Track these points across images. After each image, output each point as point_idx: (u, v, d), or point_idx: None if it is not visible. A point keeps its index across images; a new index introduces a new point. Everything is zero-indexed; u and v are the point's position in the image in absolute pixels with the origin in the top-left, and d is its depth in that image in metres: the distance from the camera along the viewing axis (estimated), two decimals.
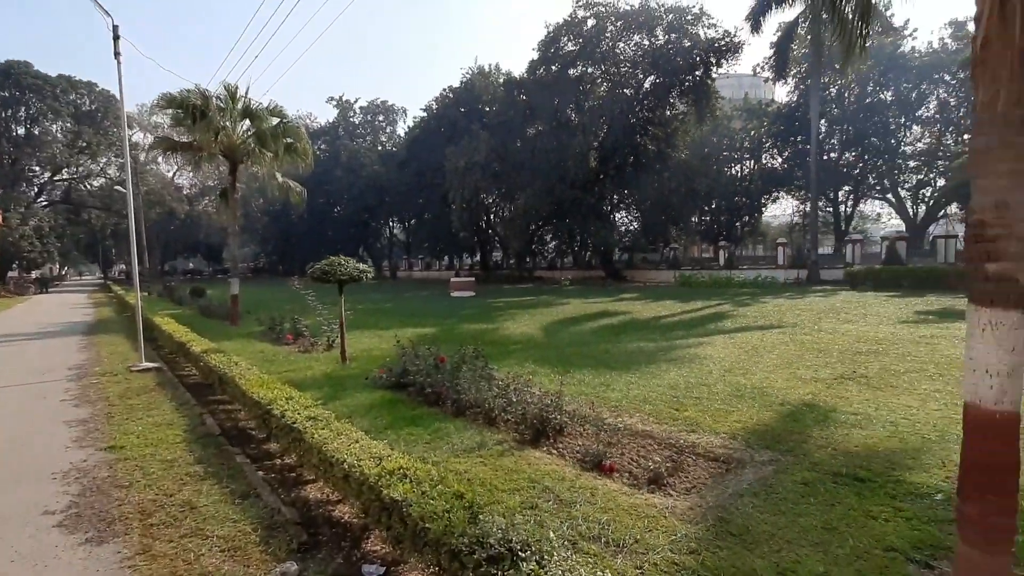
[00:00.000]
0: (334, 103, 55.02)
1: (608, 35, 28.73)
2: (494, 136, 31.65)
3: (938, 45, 30.11)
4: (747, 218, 35.55)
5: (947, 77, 29.07)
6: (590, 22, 28.95)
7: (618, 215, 34.92)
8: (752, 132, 35.70)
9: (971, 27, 22.14)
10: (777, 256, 26.74)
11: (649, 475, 4.21)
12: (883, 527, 3.31)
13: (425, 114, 42.85)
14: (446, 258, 51.68)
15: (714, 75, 27.34)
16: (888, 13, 22.80)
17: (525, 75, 31.51)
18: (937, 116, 30.89)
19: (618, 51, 29.33)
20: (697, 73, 27.05)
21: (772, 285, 22.52)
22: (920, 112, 31.24)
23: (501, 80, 37.00)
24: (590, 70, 30.29)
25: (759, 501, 3.69)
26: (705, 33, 27.08)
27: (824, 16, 22.32)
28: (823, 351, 8.66)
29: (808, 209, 34.66)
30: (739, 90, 38.46)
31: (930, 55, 29.73)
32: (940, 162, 29.95)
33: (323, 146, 51.00)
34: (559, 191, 28.50)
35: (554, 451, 4.88)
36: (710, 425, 5.28)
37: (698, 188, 29.80)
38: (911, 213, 33.53)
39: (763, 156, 36.35)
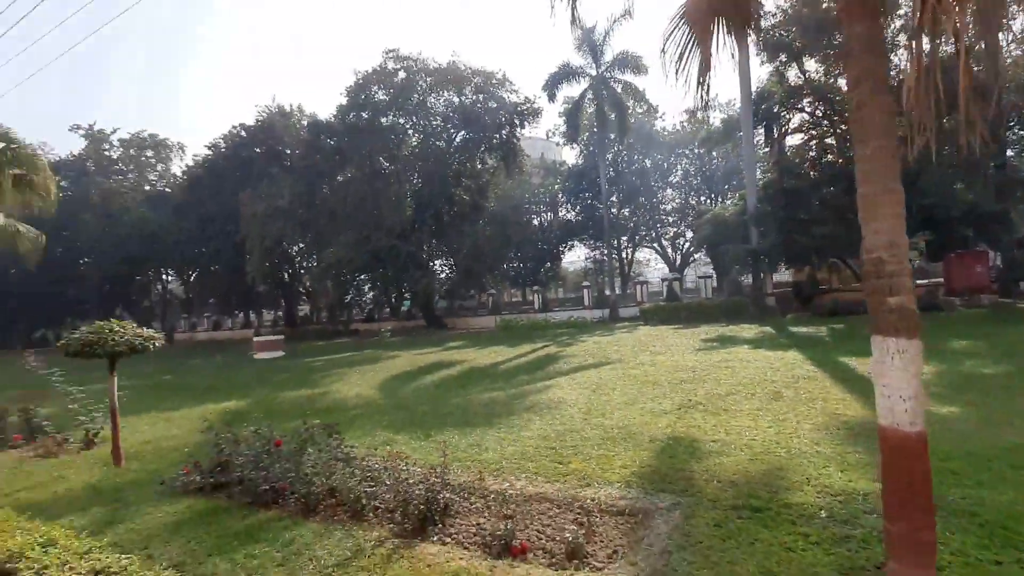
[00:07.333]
0: (81, 132, 44.79)
1: (419, 89, 29.33)
2: (299, 181, 29.21)
3: (679, 127, 38.12)
4: (548, 264, 39.02)
5: (687, 152, 36.88)
6: (401, 74, 29.24)
7: (435, 263, 34.98)
8: (549, 188, 39.83)
9: (700, 115, 28.05)
10: (583, 298, 29.57)
11: (566, 549, 3.75)
12: (803, 557, 3.39)
13: (211, 152, 37.64)
14: (241, 315, 44.93)
15: (519, 135, 29.83)
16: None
17: (333, 119, 30.06)
18: (682, 182, 38.82)
19: (429, 105, 30.10)
20: (504, 132, 29.22)
21: (584, 324, 24.67)
22: (671, 178, 38.87)
23: (305, 122, 34.76)
24: (401, 120, 30.38)
25: (689, 555, 3.50)
26: (509, 97, 29.59)
27: (604, 93, 26.41)
28: (654, 383, 9.44)
29: (598, 255, 39.77)
30: (534, 150, 42.87)
31: (674, 134, 37.44)
32: (688, 218, 37.38)
33: (64, 184, 40.74)
34: (375, 239, 27.39)
35: (448, 538, 4.10)
36: (600, 475, 5.09)
37: (512, 236, 31.63)
38: (671, 259, 40.84)
39: (559, 209, 40.73)
